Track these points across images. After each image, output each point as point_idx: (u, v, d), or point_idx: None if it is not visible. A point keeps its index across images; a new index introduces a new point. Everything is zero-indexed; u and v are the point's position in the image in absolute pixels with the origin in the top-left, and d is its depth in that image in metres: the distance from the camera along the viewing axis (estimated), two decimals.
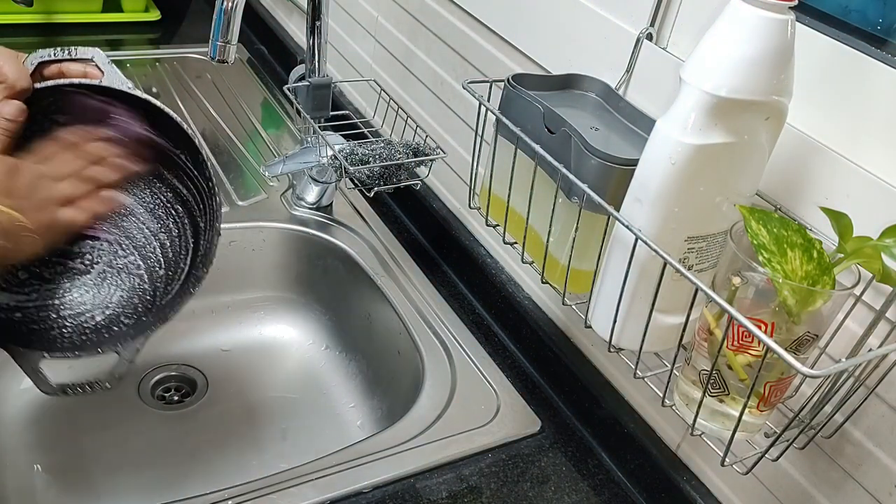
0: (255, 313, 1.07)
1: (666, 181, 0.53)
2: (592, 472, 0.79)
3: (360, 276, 1.00)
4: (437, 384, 0.85)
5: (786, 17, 0.49)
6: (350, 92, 1.23)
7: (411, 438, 0.78)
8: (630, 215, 0.55)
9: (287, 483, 0.72)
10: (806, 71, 0.52)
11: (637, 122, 0.66)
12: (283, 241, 1.05)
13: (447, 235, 1.02)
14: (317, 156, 1.00)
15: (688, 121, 0.51)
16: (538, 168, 0.64)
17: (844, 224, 0.52)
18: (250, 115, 1.26)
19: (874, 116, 0.55)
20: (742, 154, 0.54)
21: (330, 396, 0.99)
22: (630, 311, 0.59)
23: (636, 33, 0.70)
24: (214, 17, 0.77)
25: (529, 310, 0.90)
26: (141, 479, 0.86)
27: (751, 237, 0.50)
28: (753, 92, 0.50)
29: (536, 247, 0.68)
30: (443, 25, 0.96)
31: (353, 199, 1.11)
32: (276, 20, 1.45)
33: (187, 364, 1.00)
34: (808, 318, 0.50)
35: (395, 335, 0.94)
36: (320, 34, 0.97)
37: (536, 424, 0.82)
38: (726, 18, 0.49)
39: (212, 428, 0.93)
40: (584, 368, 0.83)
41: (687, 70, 0.51)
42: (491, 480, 0.76)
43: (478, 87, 0.68)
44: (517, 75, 0.67)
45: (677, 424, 0.75)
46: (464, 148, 0.97)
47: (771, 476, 0.66)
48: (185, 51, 1.41)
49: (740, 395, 0.54)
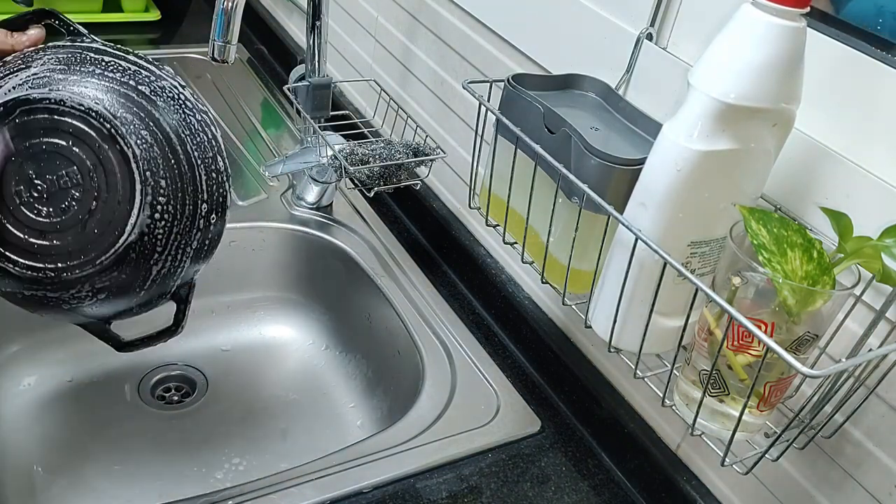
0: (255, 313, 1.07)
1: (671, 187, 0.53)
2: (592, 472, 0.79)
3: (360, 276, 1.00)
4: (437, 384, 0.85)
5: (797, 24, 0.48)
6: (350, 92, 1.23)
7: (411, 438, 0.78)
8: (634, 219, 0.55)
9: (287, 483, 0.72)
10: (806, 71, 0.52)
11: (637, 122, 0.66)
12: (283, 241, 1.05)
13: (447, 235, 1.02)
14: (317, 156, 1.00)
15: (694, 127, 0.51)
16: (538, 168, 0.64)
17: (844, 224, 0.52)
18: (250, 115, 1.26)
19: (876, 117, 0.55)
20: (748, 161, 0.53)
21: (330, 396, 0.99)
22: (630, 312, 0.59)
23: (636, 33, 0.70)
24: (214, 17, 0.77)
25: (529, 310, 0.90)
26: (141, 479, 0.86)
27: (751, 237, 0.50)
28: (762, 99, 0.50)
29: (536, 247, 0.68)
30: (443, 25, 0.96)
31: (353, 199, 1.11)
32: (276, 20, 1.45)
33: (187, 364, 1.00)
34: (808, 318, 0.50)
35: (395, 335, 0.94)
36: (320, 34, 0.97)
37: (536, 424, 0.82)
38: (736, 24, 0.49)
39: (212, 428, 0.93)
40: (584, 368, 0.83)
41: (695, 75, 0.51)
42: (491, 480, 0.76)
43: (478, 87, 0.68)
44: (517, 75, 0.67)
45: (677, 424, 0.75)
46: (464, 148, 0.97)
47: (771, 476, 0.66)
48: (185, 51, 1.41)
49: (740, 395, 0.54)
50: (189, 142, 0.61)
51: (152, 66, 0.62)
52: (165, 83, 0.62)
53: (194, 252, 0.63)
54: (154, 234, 0.59)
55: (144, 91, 0.60)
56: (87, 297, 0.60)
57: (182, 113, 0.61)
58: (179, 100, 0.62)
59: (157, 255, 0.60)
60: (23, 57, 0.60)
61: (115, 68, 0.60)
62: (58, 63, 0.59)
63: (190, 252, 0.62)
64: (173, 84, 0.62)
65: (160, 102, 0.60)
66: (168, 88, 0.61)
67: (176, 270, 0.63)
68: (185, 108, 0.62)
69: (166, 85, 0.61)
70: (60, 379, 0.94)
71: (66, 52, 0.60)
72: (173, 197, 0.59)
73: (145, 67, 0.62)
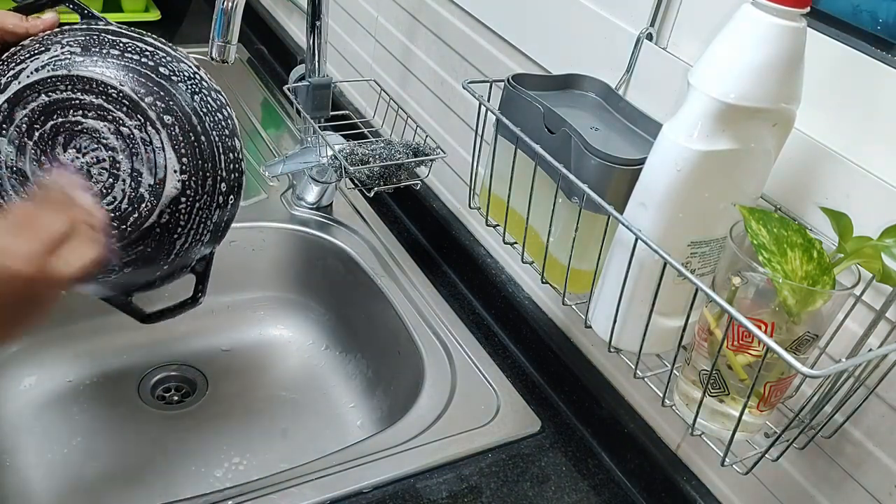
0: (255, 313, 1.07)
1: (671, 187, 0.53)
2: (592, 472, 0.79)
3: (360, 276, 1.00)
4: (437, 384, 0.85)
5: (797, 24, 0.48)
6: (350, 92, 1.23)
7: (411, 438, 0.78)
8: (634, 219, 0.55)
9: (287, 483, 0.72)
10: (806, 71, 0.52)
11: (637, 122, 0.66)
12: (283, 241, 1.05)
13: (447, 235, 1.02)
14: (317, 156, 1.00)
15: (694, 127, 0.51)
16: (538, 168, 0.64)
17: (844, 224, 0.52)
18: (250, 115, 1.26)
19: (876, 117, 0.55)
20: (748, 161, 0.53)
21: (330, 396, 0.99)
22: (630, 312, 0.59)
23: (636, 33, 0.70)
24: (214, 17, 0.77)
25: (529, 310, 0.90)
26: (141, 479, 0.86)
27: (751, 237, 0.50)
28: (762, 99, 0.50)
29: (536, 247, 0.68)
30: (443, 25, 0.96)
31: (353, 199, 1.11)
32: (276, 20, 1.45)
33: (187, 364, 1.00)
34: (808, 318, 0.50)
35: (395, 335, 0.94)
36: (320, 34, 0.97)
37: (536, 424, 0.82)
38: (737, 24, 0.49)
39: (212, 428, 0.93)
40: (584, 368, 0.83)
41: (695, 75, 0.51)
42: (491, 480, 0.76)
43: (478, 87, 0.68)
44: (517, 75, 0.67)
45: (677, 424, 0.75)
46: (464, 148, 0.97)
47: (771, 476, 0.66)
48: (184, 51, 1.40)
49: (740, 395, 0.54)
50: (208, 121, 0.62)
51: (168, 48, 0.64)
52: (183, 65, 0.63)
53: (213, 226, 0.65)
54: (178, 209, 0.61)
55: (164, 72, 0.61)
56: (115, 270, 0.62)
57: (200, 93, 0.62)
58: (196, 79, 0.63)
59: (181, 230, 0.62)
60: (41, 40, 0.61)
61: (134, 49, 0.61)
62: (77, 45, 0.60)
63: (210, 226, 0.64)
64: (189, 65, 0.64)
65: (179, 83, 0.61)
66: (185, 69, 0.63)
67: (196, 244, 0.64)
68: (203, 88, 0.63)
69: (184, 66, 0.63)
70: (60, 379, 0.94)
71: (84, 34, 0.61)
72: (195, 174, 0.61)
73: (161, 49, 0.63)
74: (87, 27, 0.62)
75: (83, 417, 0.91)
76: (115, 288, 0.65)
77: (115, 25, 0.64)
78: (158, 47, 0.63)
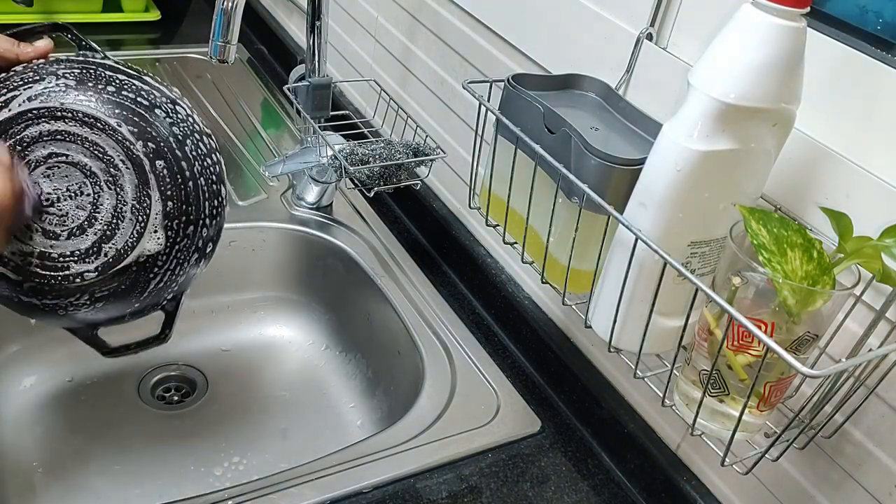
0: (255, 313, 1.07)
1: (671, 187, 0.53)
2: (592, 472, 0.79)
3: (360, 276, 1.00)
4: (437, 384, 0.85)
5: (797, 24, 0.48)
6: (350, 92, 1.23)
7: (411, 438, 0.78)
8: (634, 220, 0.55)
9: (287, 483, 0.72)
10: (806, 71, 0.52)
11: (637, 122, 0.66)
12: (283, 241, 1.05)
13: (447, 235, 1.02)
14: (317, 156, 1.00)
15: (694, 127, 0.51)
16: (538, 168, 0.64)
17: (844, 224, 0.52)
18: (250, 115, 1.26)
19: (876, 117, 0.55)
20: (748, 161, 0.53)
21: (330, 396, 0.99)
22: (630, 312, 0.59)
23: (636, 33, 0.70)
24: (214, 17, 0.77)
25: (529, 310, 0.90)
26: (141, 479, 0.86)
27: (751, 237, 0.50)
28: (762, 99, 0.50)
29: (536, 247, 0.68)
30: (443, 25, 0.96)
31: (353, 199, 1.11)
32: (276, 20, 1.45)
33: (187, 364, 1.00)
34: (808, 318, 0.50)
35: (395, 335, 0.94)
36: (320, 34, 0.97)
37: (536, 424, 0.82)
38: (736, 24, 0.49)
39: (211, 428, 0.93)
40: (584, 368, 0.83)
41: (695, 75, 0.51)
42: (491, 480, 0.76)
43: (478, 87, 0.68)
44: (517, 75, 0.67)
45: (677, 424, 0.75)
46: (464, 148, 0.97)
47: (771, 476, 0.66)
48: (185, 51, 1.41)
49: (740, 395, 0.54)
50: (197, 166, 0.62)
51: (164, 88, 0.63)
52: (178, 106, 0.62)
53: (190, 268, 0.64)
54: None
55: (159, 114, 0.60)
56: (85, 304, 0.61)
57: (193, 137, 0.62)
58: (189, 122, 0.62)
59: (157, 269, 0.62)
60: (35, 69, 0.60)
61: (130, 87, 0.60)
62: (72, 78, 0.59)
63: (187, 268, 0.64)
64: (184, 107, 0.63)
65: (173, 125, 0.61)
66: (181, 111, 0.62)
67: (171, 284, 0.64)
68: (196, 132, 0.62)
69: (179, 109, 0.62)
70: (60, 379, 0.94)
71: (80, 67, 0.60)
72: (178, 217, 0.60)
73: (157, 88, 0.62)
74: (83, 60, 0.62)
75: (83, 417, 0.91)
76: (83, 321, 0.64)
77: (112, 60, 0.63)
78: (154, 87, 0.62)
